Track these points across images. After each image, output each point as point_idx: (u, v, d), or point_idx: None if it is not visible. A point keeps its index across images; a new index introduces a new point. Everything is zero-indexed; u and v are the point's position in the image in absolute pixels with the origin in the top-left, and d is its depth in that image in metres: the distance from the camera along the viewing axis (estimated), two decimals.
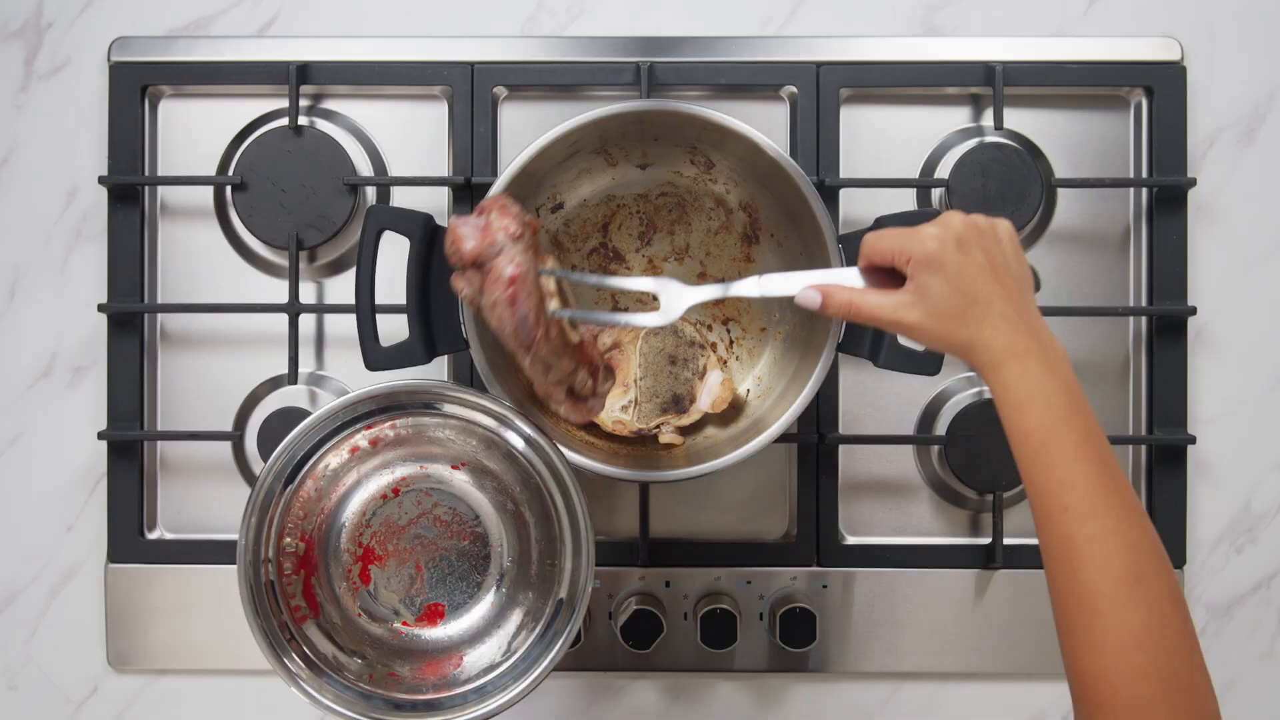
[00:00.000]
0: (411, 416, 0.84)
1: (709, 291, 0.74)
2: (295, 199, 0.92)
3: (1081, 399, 0.65)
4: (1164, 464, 0.93)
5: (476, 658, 0.86)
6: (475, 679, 0.84)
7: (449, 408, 0.82)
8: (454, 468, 0.87)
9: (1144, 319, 0.94)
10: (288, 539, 0.84)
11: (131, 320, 0.93)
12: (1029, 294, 0.68)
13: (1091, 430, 0.64)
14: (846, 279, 0.71)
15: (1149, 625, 0.59)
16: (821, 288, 0.70)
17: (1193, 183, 0.92)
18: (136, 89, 0.93)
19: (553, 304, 0.73)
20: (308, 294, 0.94)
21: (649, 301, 0.90)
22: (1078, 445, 0.63)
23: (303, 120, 0.93)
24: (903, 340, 0.78)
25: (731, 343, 0.91)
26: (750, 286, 0.73)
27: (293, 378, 0.92)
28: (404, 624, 0.87)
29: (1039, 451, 0.63)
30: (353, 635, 0.86)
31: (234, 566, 0.91)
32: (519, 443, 0.82)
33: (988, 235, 0.68)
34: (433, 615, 0.87)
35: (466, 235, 0.72)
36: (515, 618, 0.86)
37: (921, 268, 0.67)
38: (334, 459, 0.85)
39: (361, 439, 0.84)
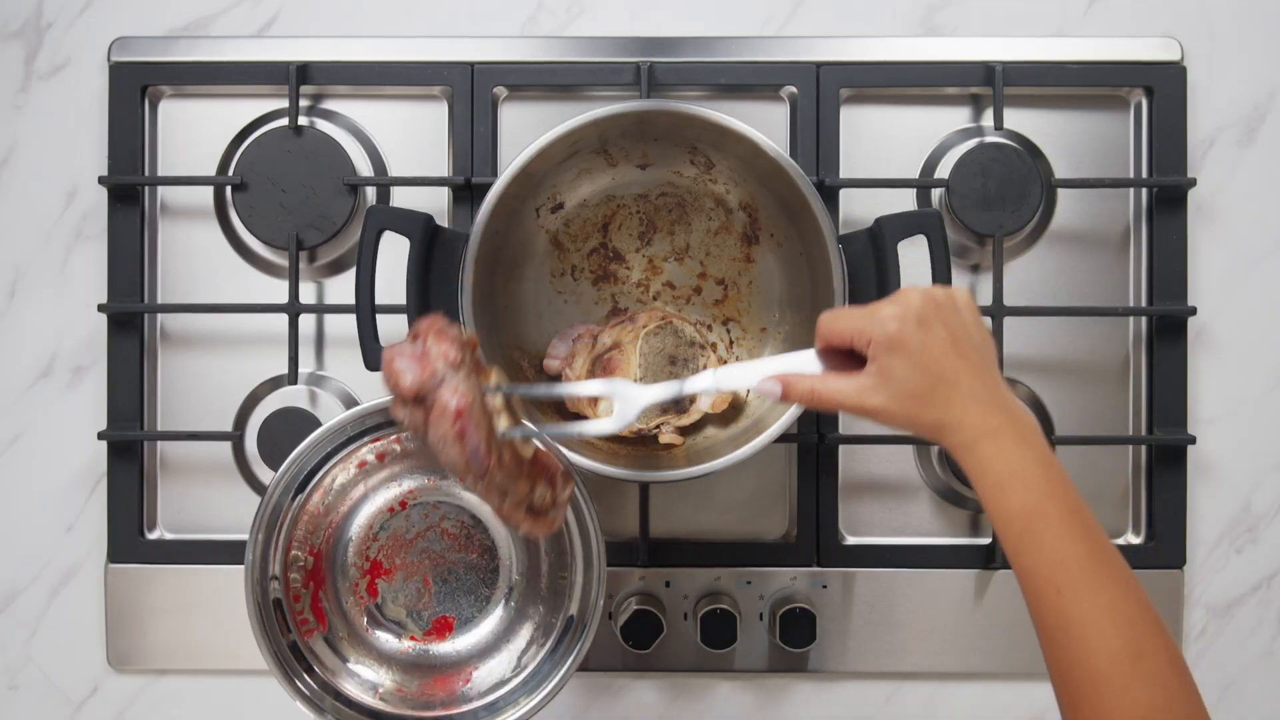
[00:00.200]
0: None
1: (664, 391, 0.72)
2: (295, 199, 0.92)
3: (1059, 470, 0.64)
4: (1164, 464, 0.93)
5: (486, 673, 0.85)
6: (485, 695, 0.84)
7: None
8: (461, 478, 0.86)
9: (1144, 319, 0.94)
10: (295, 552, 0.83)
11: (131, 320, 0.93)
12: (993, 364, 0.67)
13: (1074, 503, 0.62)
14: (803, 363, 0.69)
15: (1155, 702, 0.58)
16: (781, 377, 0.68)
17: (1193, 183, 0.92)
18: (136, 89, 0.93)
19: (502, 423, 0.70)
20: (308, 294, 0.94)
21: (649, 302, 0.90)
22: (1063, 521, 0.62)
23: (303, 120, 0.93)
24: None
25: (731, 343, 0.91)
26: (706, 382, 0.71)
27: (293, 378, 0.92)
28: (412, 638, 0.87)
29: (1025, 532, 0.62)
30: (361, 650, 0.86)
31: (234, 567, 0.91)
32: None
33: (947, 308, 0.66)
34: (441, 629, 0.87)
35: (404, 369, 0.68)
36: (525, 632, 0.86)
37: (883, 349, 0.65)
38: (342, 474, 0.84)
39: (368, 453, 0.84)
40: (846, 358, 0.68)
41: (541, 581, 0.86)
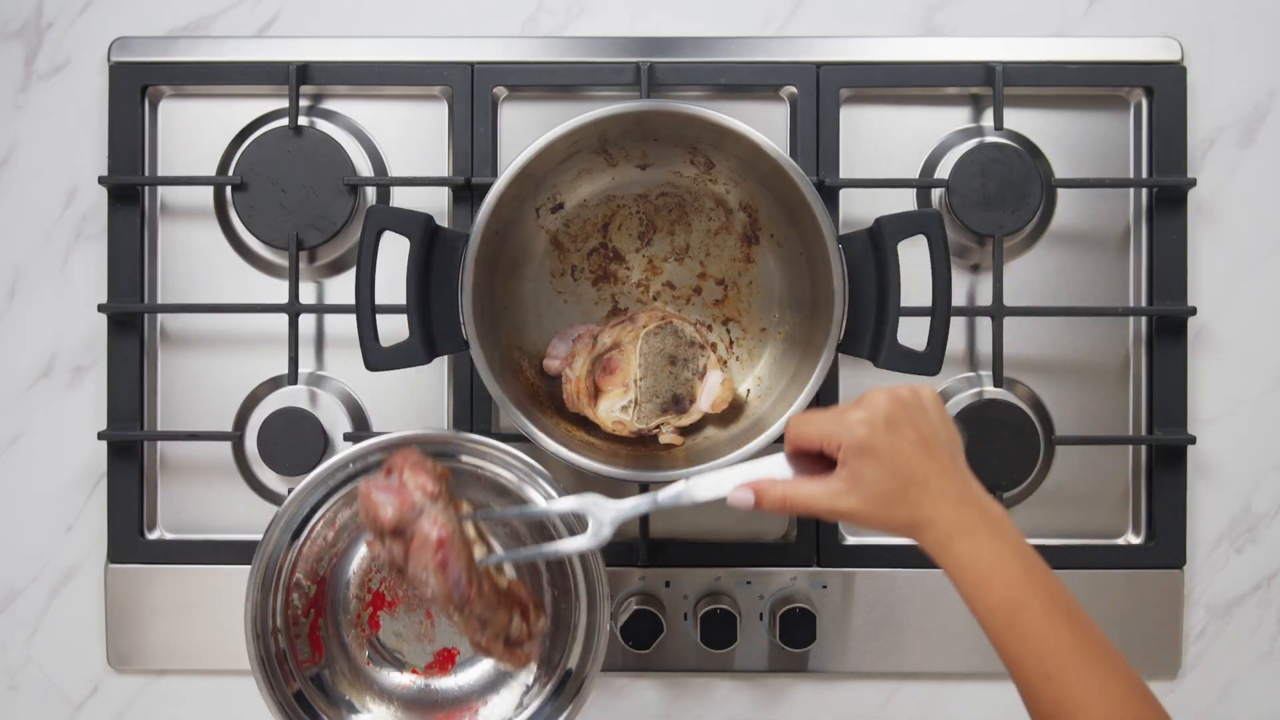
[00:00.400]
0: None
1: (637, 506, 0.73)
2: (295, 199, 0.92)
3: (1034, 557, 0.65)
4: (1164, 464, 0.93)
5: (489, 712, 0.85)
6: None
7: (466, 459, 0.82)
8: None
9: (1144, 319, 0.94)
10: (299, 576, 0.83)
11: (131, 320, 0.93)
12: (961, 459, 0.68)
13: (1054, 589, 0.64)
14: (774, 468, 0.70)
15: None
16: (753, 485, 0.69)
17: (1193, 183, 0.92)
18: (136, 89, 0.93)
19: (478, 552, 0.72)
20: (308, 294, 0.94)
21: (649, 302, 0.90)
22: (1045, 609, 0.63)
23: (303, 120, 0.93)
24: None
25: (731, 343, 0.91)
26: (678, 492, 0.71)
27: (293, 378, 0.92)
28: (414, 671, 0.86)
29: (1009, 624, 0.63)
30: (361, 685, 0.85)
31: (234, 567, 0.92)
32: (540, 501, 0.81)
33: (914, 409, 0.67)
34: (444, 662, 0.87)
35: (383, 503, 0.69)
36: (530, 666, 0.86)
37: (853, 454, 0.66)
38: (345, 511, 0.84)
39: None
40: (817, 458, 0.69)
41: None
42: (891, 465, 0.66)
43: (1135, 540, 0.94)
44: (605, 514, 0.73)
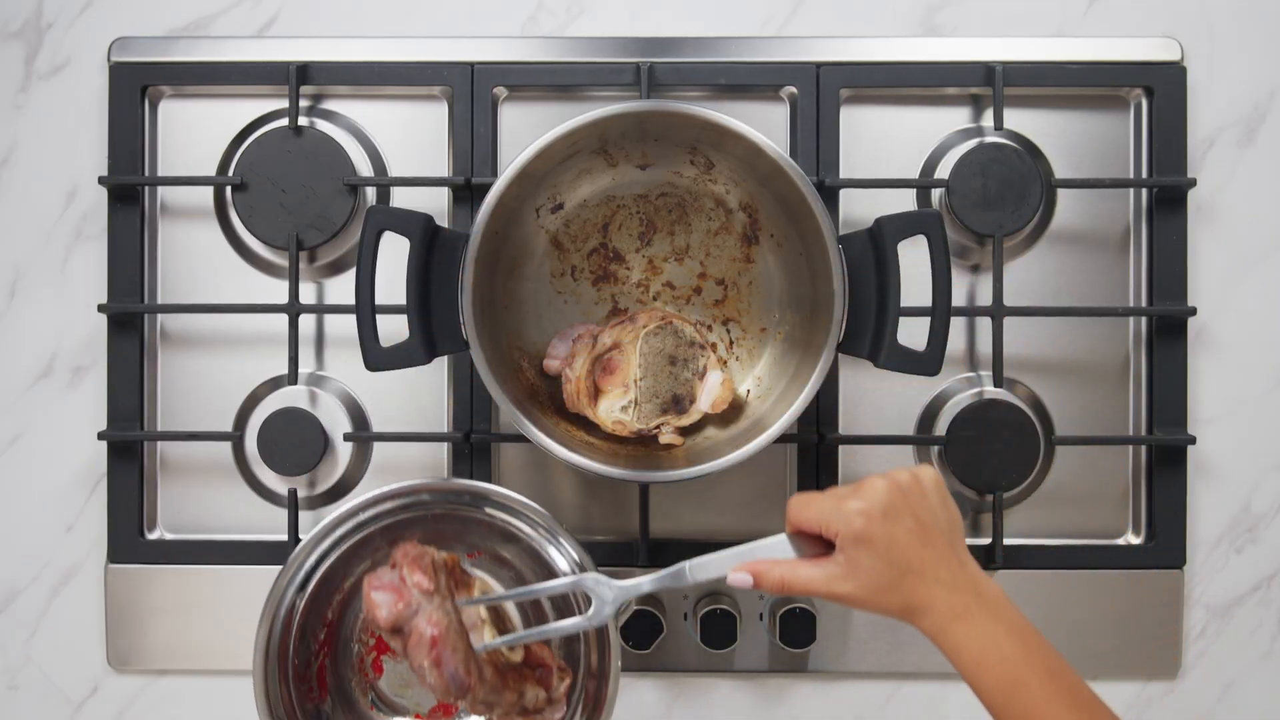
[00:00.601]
0: (439, 507, 0.82)
1: (639, 586, 0.74)
2: (295, 199, 0.92)
3: (1033, 635, 0.66)
4: (1164, 464, 0.93)
5: None
6: None
7: (489, 509, 0.82)
8: (470, 555, 0.86)
9: (1144, 319, 0.94)
10: (309, 619, 0.83)
11: (131, 320, 0.93)
12: (960, 542, 0.69)
13: (1053, 665, 0.64)
14: (774, 548, 0.71)
15: None
16: (752, 568, 0.70)
17: (1193, 183, 0.92)
18: (136, 89, 0.93)
19: (486, 634, 0.73)
20: (308, 294, 0.94)
21: (649, 302, 0.90)
22: (1044, 687, 0.64)
23: (303, 120, 0.93)
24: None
25: (731, 343, 0.91)
26: (679, 571, 0.72)
27: (293, 378, 0.92)
28: (417, 717, 0.86)
29: (1008, 704, 0.64)
30: None
31: (234, 567, 0.92)
32: (561, 562, 0.81)
33: (914, 494, 0.68)
34: (447, 707, 0.86)
35: (380, 603, 0.71)
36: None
37: (850, 543, 0.67)
38: (355, 560, 0.83)
39: (381, 539, 0.83)
40: (817, 537, 0.70)
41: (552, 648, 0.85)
42: (888, 555, 0.66)
43: (1135, 540, 0.94)
44: (607, 593, 0.74)
